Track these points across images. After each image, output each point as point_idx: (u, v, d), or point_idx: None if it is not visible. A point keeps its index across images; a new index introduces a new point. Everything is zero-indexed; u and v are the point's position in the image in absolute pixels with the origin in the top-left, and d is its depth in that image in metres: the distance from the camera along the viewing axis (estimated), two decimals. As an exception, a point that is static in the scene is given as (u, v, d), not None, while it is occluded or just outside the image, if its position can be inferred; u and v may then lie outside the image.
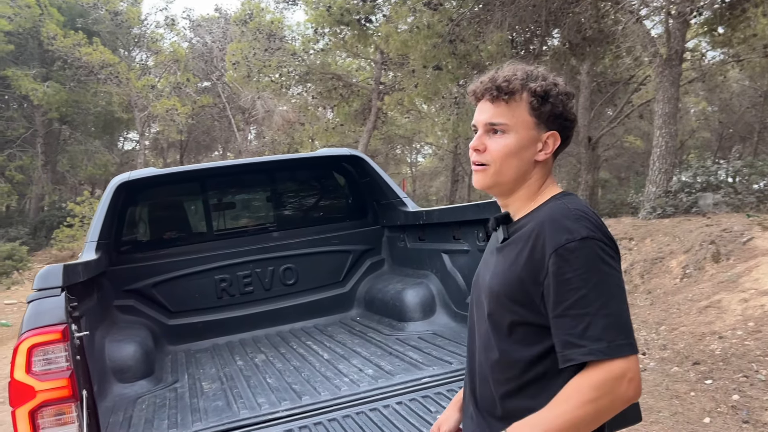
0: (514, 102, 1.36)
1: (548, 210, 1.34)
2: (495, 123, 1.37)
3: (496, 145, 1.37)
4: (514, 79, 1.37)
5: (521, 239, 1.35)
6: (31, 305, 2.19)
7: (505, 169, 1.38)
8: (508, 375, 1.35)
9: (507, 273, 1.34)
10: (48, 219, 24.22)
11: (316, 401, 2.58)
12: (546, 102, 1.37)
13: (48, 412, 2.13)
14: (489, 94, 1.38)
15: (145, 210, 4.34)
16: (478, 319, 1.46)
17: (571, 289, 1.23)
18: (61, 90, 23.79)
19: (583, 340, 1.21)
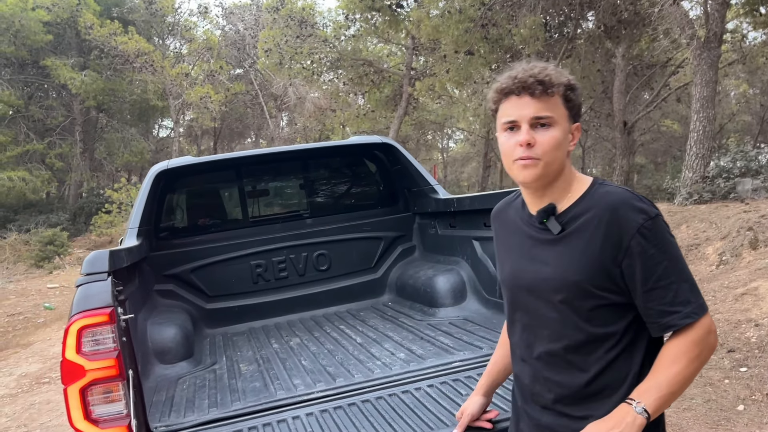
0: (555, 96, 1.42)
1: (610, 196, 1.42)
2: (542, 117, 1.41)
3: (546, 138, 1.41)
4: (551, 73, 1.42)
5: (587, 226, 1.41)
6: (79, 289, 2.30)
7: (553, 161, 1.43)
8: (595, 355, 1.43)
9: (582, 261, 1.40)
10: (87, 205, 24.84)
11: (350, 383, 2.65)
12: (576, 95, 1.46)
13: (97, 390, 2.24)
14: (531, 89, 1.41)
15: (183, 197, 4.46)
16: (536, 311, 1.51)
17: (656, 263, 1.35)
18: (98, 79, 24.26)
19: (677, 306, 1.35)
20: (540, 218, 1.49)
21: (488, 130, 27.94)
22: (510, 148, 1.45)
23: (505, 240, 1.65)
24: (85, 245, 21.70)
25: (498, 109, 1.50)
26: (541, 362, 1.51)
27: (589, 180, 1.50)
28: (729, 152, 12.86)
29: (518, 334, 1.60)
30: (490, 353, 2.78)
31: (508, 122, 1.45)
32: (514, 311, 1.60)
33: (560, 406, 1.49)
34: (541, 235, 1.50)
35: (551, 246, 1.47)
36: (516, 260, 1.57)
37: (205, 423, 2.44)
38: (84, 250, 20.64)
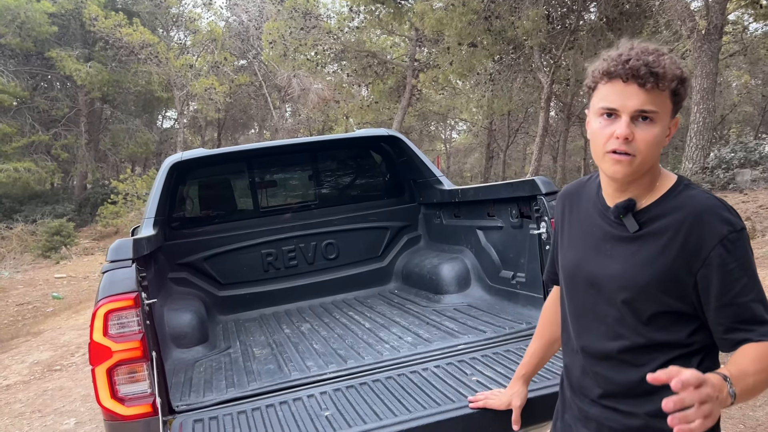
0: (665, 90, 1.29)
1: (696, 199, 1.33)
2: (648, 111, 1.29)
3: (647, 135, 1.29)
4: (667, 63, 1.28)
5: (666, 230, 1.33)
6: (105, 275, 2.44)
7: (649, 159, 1.32)
8: (649, 356, 1.37)
9: (656, 264, 1.33)
10: (92, 196, 24.99)
11: (360, 364, 2.79)
12: (686, 88, 1.34)
13: (122, 370, 2.37)
14: (641, 79, 1.27)
15: (195, 188, 4.60)
16: (593, 307, 1.46)
17: (735, 279, 1.28)
18: (103, 70, 24.34)
19: (752, 325, 1.27)
20: (617, 213, 1.39)
21: (491, 122, 28.00)
22: (604, 136, 1.32)
23: (572, 225, 1.56)
24: (91, 236, 21.85)
25: (596, 88, 1.36)
26: (593, 357, 1.47)
27: (674, 178, 1.40)
28: (729, 143, 12.94)
29: (572, 324, 1.54)
30: (492, 337, 2.93)
31: (608, 108, 1.32)
32: (571, 301, 1.54)
33: (607, 401, 1.46)
34: (614, 229, 1.41)
35: (624, 243, 1.39)
36: (582, 249, 1.49)
37: (224, 402, 2.58)
38: (90, 241, 20.80)
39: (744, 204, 8.32)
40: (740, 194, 9.50)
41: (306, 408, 2.41)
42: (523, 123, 29.64)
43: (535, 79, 19.35)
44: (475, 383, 2.42)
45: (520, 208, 3.29)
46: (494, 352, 2.75)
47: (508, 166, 32.90)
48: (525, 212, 3.25)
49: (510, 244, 3.46)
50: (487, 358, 2.69)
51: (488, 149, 30.79)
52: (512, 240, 3.43)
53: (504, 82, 19.59)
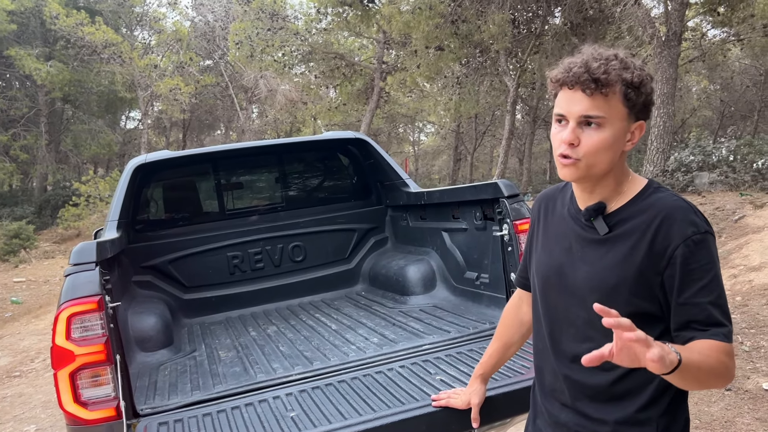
0: (611, 93, 1.31)
1: (664, 202, 1.36)
2: (592, 116, 1.32)
3: (591, 140, 1.33)
4: (611, 69, 1.30)
5: (634, 231, 1.35)
6: (68, 278, 2.41)
7: (598, 163, 1.35)
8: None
9: (625, 265, 1.35)
10: (53, 198, 24.46)
11: (326, 365, 2.81)
12: (640, 93, 1.33)
13: (86, 374, 2.35)
14: (583, 86, 1.31)
15: (160, 191, 4.56)
16: (565, 309, 1.47)
17: (694, 279, 1.30)
18: (64, 69, 23.86)
19: (706, 326, 1.29)
20: (587, 216, 1.43)
21: (458, 124, 28.24)
22: (555, 141, 1.38)
23: (546, 228, 1.58)
24: (52, 238, 21.39)
25: (556, 95, 1.40)
26: (565, 360, 1.48)
27: (644, 182, 1.43)
28: (688, 146, 13.30)
29: (544, 326, 1.55)
30: (457, 336, 2.98)
31: (558, 115, 1.37)
32: (544, 303, 1.55)
33: (580, 405, 1.47)
34: (586, 232, 1.44)
35: (595, 246, 1.41)
36: (556, 252, 1.50)
37: (189, 404, 2.57)
38: (51, 244, 20.35)
39: (702, 206, 8.57)
40: (698, 196, 9.77)
41: (271, 409, 2.42)
42: (489, 126, 29.97)
43: (501, 83, 19.59)
44: (439, 382, 2.46)
45: (484, 211, 3.35)
46: (458, 352, 2.80)
47: (476, 169, 33.22)
48: (488, 214, 3.31)
49: (474, 245, 3.52)
50: (451, 358, 2.74)
51: (456, 152, 31.06)
52: (476, 242, 3.49)
53: (471, 86, 19.78)
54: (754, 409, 3.93)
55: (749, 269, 6.23)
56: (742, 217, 7.86)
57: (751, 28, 15.45)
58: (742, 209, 8.20)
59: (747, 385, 4.39)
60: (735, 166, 11.32)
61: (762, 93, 25.32)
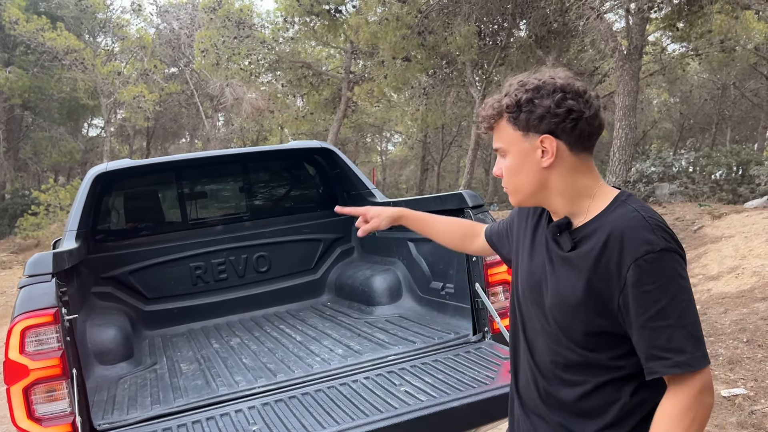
0: (501, 123, 1.39)
1: (622, 218, 1.30)
2: (497, 148, 1.43)
3: (502, 169, 1.44)
4: (492, 105, 1.40)
5: (593, 249, 1.31)
6: (23, 290, 2.34)
7: (519, 187, 1.41)
8: (582, 376, 1.38)
9: (582, 284, 1.32)
10: (11, 207, 23.81)
11: (290, 378, 2.78)
12: (520, 111, 1.34)
13: (40, 389, 2.29)
14: (482, 127, 1.44)
15: (121, 200, 4.47)
16: (537, 320, 1.47)
17: (651, 300, 1.23)
18: (24, 76, 23.31)
19: (667, 353, 1.22)
20: (553, 232, 1.42)
21: (425, 134, 28.43)
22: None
23: (524, 237, 1.58)
24: (9, 248, 20.81)
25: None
26: (538, 371, 1.48)
27: (613, 195, 1.38)
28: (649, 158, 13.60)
29: (519, 331, 1.56)
30: (422, 347, 2.98)
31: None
32: (520, 310, 1.56)
33: (543, 409, 1.48)
34: (554, 247, 1.42)
35: (561, 262, 1.39)
36: (530, 264, 1.51)
37: (149, 419, 2.52)
38: (8, 254, 19.78)
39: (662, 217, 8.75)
40: (659, 207, 9.98)
41: (234, 423, 2.38)
42: (456, 136, 30.24)
43: (467, 94, 19.80)
44: (404, 393, 2.45)
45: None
46: (423, 362, 2.79)
47: (443, 179, 33.43)
48: (454, 224, 3.31)
49: (439, 255, 3.53)
50: (416, 368, 2.73)
51: (423, 161, 31.24)
52: (442, 252, 3.49)
53: (437, 96, 19.95)
54: (713, 416, 4.01)
55: (708, 278, 6.38)
56: (700, 228, 8.05)
57: (709, 44, 15.92)
58: (701, 220, 8.40)
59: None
60: (694, 177, 11.63)
61: (719, 106, 26.11)
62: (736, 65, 20.48)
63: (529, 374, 1.51)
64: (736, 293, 6.19)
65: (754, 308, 5.57)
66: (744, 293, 6.12)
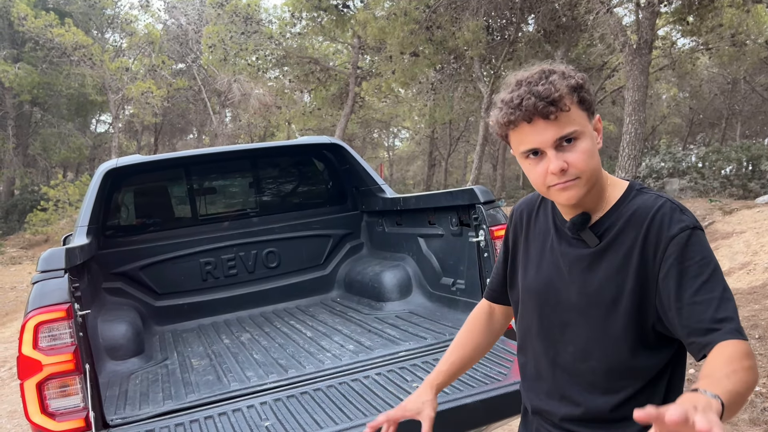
0: (570, 105, 1.25)
1: (648, 204, 1.29)
2: (567, 134, 1.24)
3: (578, 154, 1.25)
4: (557, 85, 1.24)
5: (623, 239, 1.29)
6: (36, 286, 2.35)
7: (592, 173, 1.28)
8: (621, 381, 1.32)
9: (620, 277, 1.28)
10: (20, 203, 23.97)
11: (301, 374, 2.78)
12: (588, 91, 1.30)
13: (53, 384, 2.29)
14: (543, 114, 1.24)
15: (131, 196, 4.48)
16: (562, 326, 1.38)
17: (694, 275, 1.21)
18: (33, 72, 23.42)
19: (719, 324, 1.18)
20: (574, 229, 1.35)
21: (433, 130, 28.37)
22: (540, 176, 1.28)
23: (532, 241, 1.49)
24: (19, 244, 20.96)
25: (507, 136, 1.32)
26: (562, 379, 1.39)
27: (625, 185, 1.36)
28: (659, 153, 13.51)
29: (538, 345, 1.45)
30: (433, 343, 2.97)
31: (527, 152, 1.28)
32: (539, 322, 1.44)
33: (569, 425, 1.39)
34: (573, 247, 1.36)
35: (588, 259, 1.33)
36: (545, 268, 1.42)
37: (161, 414, 2.52)
38: (18, 249, 19.92)
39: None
40: (668, 202, 9.93)
41: (246, 419, 2.38)
42: (464, 132, 30.17)
43: (475, 89, 19.74)
44: (415, 389, 2.44)
45: (460, 217, 3.35)
46: (434, 359, 2.78)
47: (450, 174, 33.38)
48: (464, 220, 3.31)
49: (450, 251, 3.52)
50: (427, 365, 2.72)
51: (430, 157, 31.19)
52: (452, 247, 3.48)
53: (445, 92, 19.90)
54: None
55: (718, 274, 6.33)
56: (711, 223, 7.99)
57: (719, 38, 15.79)
58: (712, 215, 8.34)
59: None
60: (704, 173, 11.55)
61: (729, 101, 25.93)
62: (747, 59, 20.31)
63: (553, 388, 1.41)
64: (747, 289, 6.14)
65: (766, 304, 5.53)
66: (756, 289, 6.07)
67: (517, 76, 1.30)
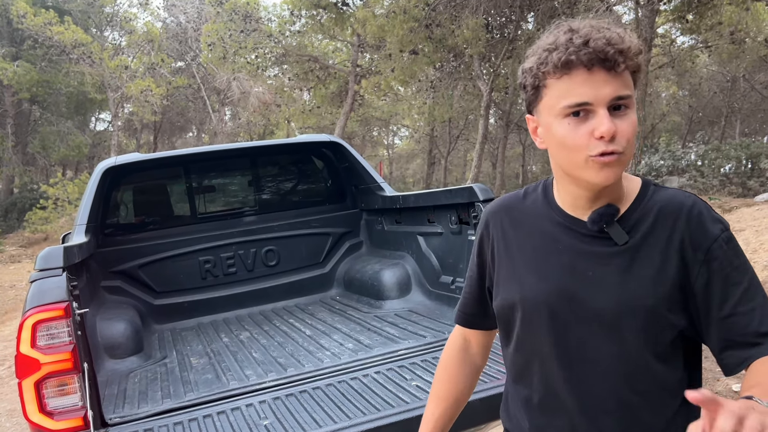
0: (632, 67, 1.07)
1: (677, 200, 1.14)
2: (624, 96, 1.05)
3: (627, 124, 1.06)
4: (626, 37, 1.06)
5: (657, 236, 1.12)
6: (34, 284, 2.35)
7: (632, 153, 1.09)
8: (660, 403, 1.15)
9: (659, 279, 1.11)
10: (19, 201, 23.94)
11: (300, 372, 2.78)
12: (643, 60, 1.11)
13: (52, 383, 2.29)
14: (610, 62, 1.03)
15: (130, 194, 4.48)
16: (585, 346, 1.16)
17: (734, 284, 1.09)
18: (32, 70, 23.36)
19: (761, 338, 1.06)
20: (601, 223, 1.14)
21: (432, 128, 28.35)
22: (581, 139, 1.06)
23: (522, 247, 1.26)
24: (18, 242, 20.93)
25: (545, 85, 1.10)
26: (586, 413, 1.17)
27: (638, 179, 1.21)
28: (658, 151, 13.52)
29: (552, 370, 1.20)
30: (433, 341, 2.97)
31: (576, 105, 1.05)
32: (551, 339, 1.19)
33: None
34: (591, 245, 1.16)
35: (610, 260, 1.13)
36: (554, 273, 1.19)
37: (160, 413, 2.52)
38: (17, 248, 19.89)
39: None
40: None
41: (245, 417, 2.38)
42: (463, 130, 30.14)
43: (474, 87, 19.72)
44: (415, 388, 2.45)
45: (459, 215, 3.35)
46: (434, 357, 2.78)
47: (450, 172, 33.36)
48: (464, 218, 3.31)
49: (449, 249, 3.52)
50: (426, 363, 2.72)
51: (430, 155, 31.16)
52: (452, 245, 3.48)
53: (445, 90, 19.88)
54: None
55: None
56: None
57: (719, 36, 15.78)
58: (711, 213, 8.32)
59: (717, 387, 4.46)
60: (703, 171, 11.54)
61: (729, 99, 25.91)
62: (746, 57, 20.30)
63: (580, 421, 1.18)
64: (746, 287, 6.13)
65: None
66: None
67: (567, 23, 1.09)
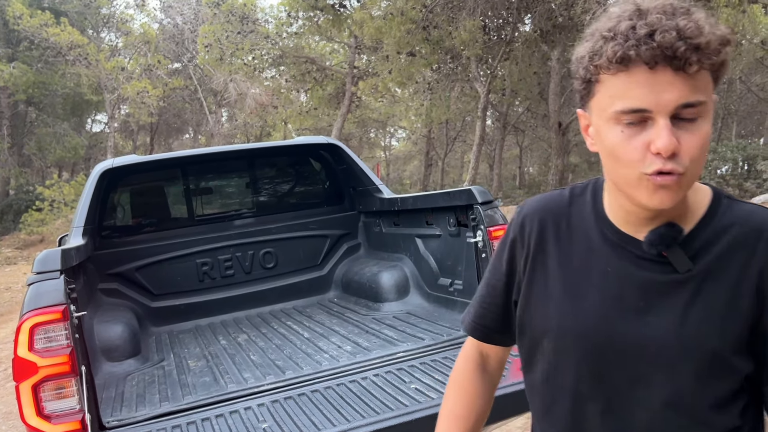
0: (711, 66, 0.85)
1: (757, 220, 0.95)
2: (694, 103, 0.84)
3: (695, 139, 0.85)
4: (705, 29, 0.83)
5: (731, 262, 0.93)
6: (31, 287, 2.34)
7: (699, 173, 0.89)
8: None
9: (728, 315, 0.92)
10: (15, 202, 23.88)
11: (298, 375, 2.77)
12: (728, 55, 0.87)
13: (49, 386, 2.28)
14: (680, 60, 0.82)
15: (127, 196, 4.47)
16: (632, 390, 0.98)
17: None
18: (28, 71, 23.32)
19: None
20: (660, 247, 0.94)
21: (430, 130, 28.36)
22: (635, 153, 0.86)
23: (562, 262, 1.05)
24: (14, 244, 20.88)
25: (598, 80, 0.89)
26: None
27: (708, 190, 1.00)
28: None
29: (589, 413, 1.02)
30: (431, 344, 2.97)
31: (632, 111, 0.85)
32: (591, 377, 1.01)
33: None
34: (648, 271, 0.96)
35: (670, 289, 0.94)
36: (596, 299, 1.00)
37: (158, 416, 2.51)
38: (12, 250, 19.85)
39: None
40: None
41: (243, 421, 2.37)
42: (460, 132, 30.18)
43: (472, 89, 19.75)
44: (414, 391, 2.44)
45: (458, 217, 3.34)
46: (432, 360, 2.78)
47: (447, 174, 33.40)
48: (462, 221, 3.30)
49: (448, 252, 3.51)
50: (425, 366, 2.72)
51: (427, 157, 31.16)
52: (450, 248, 3.48)
53: (442, 91, 19.89)
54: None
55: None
56: (707, 223, 7.99)
57: (715, 38, 15.80)
58: (708, 215, 8.33)
59: None
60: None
61: (725, 101, 25.98)
62: (743, 59, 20.35)
63: None
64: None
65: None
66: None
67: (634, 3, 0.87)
